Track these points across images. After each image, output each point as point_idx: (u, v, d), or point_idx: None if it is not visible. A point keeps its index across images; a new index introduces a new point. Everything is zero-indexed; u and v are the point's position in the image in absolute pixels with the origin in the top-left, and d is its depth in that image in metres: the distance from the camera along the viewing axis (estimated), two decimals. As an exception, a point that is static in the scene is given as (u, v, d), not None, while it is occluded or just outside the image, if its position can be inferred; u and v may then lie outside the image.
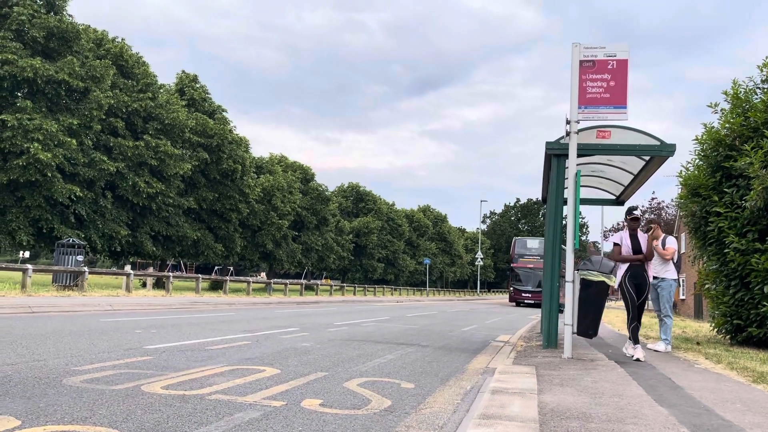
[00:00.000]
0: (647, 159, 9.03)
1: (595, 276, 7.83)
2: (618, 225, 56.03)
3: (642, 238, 8.15)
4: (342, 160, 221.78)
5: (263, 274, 56.84)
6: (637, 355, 7.82)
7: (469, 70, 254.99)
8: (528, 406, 4.39)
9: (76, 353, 6.58)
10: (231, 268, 69.12)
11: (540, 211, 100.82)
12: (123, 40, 33.15)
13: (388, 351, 8.54)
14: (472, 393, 5.50)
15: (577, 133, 7.84)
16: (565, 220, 9.45)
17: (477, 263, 72.60)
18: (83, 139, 27.61)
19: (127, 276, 21.71)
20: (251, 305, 20.98)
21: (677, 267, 9.35)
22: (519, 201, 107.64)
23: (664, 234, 9.22)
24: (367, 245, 61.99)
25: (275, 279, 37.29)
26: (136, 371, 5.62)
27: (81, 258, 20.70)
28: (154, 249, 33.10)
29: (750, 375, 6.57)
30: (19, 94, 27.03)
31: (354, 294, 44.89)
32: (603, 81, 7.76)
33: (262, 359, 6.93)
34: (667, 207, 51.27)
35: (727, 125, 10.93)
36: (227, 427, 3.79)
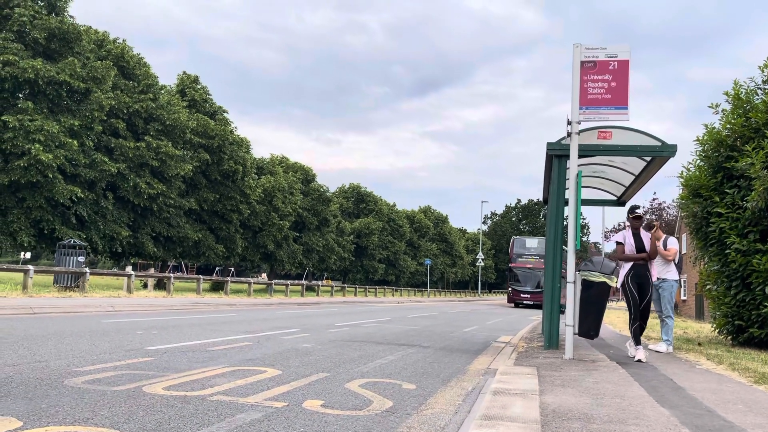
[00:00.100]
0: (648, 160, 9.03)
1: (597, 277, 7.82)
2: (619, 225, 56.02)
3: (645, 236, 8.08)
4: (343, 161, 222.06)
5: (264, 275, 56.83)
6: (639, 356, 7.81)
7: (470, 70, 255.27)
8: (529, 407, 4.39)
9: (77, 354, 6.59)
10: (232, 269, 69.18)
11: (541, 212, 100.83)
12: (124, 41, 33.25)
13: (389, 352, 8.54)
14: (473, 394, 5.50)
15: (579, 134, 7.84)
16: (566, 220, 9.46)
17: (478, 264, 72.60)
18: (84, 140, 27.65)
19: (128, 277, 21.73)
20: (252, 306, 20.99)
21: (678, 268, 9.35)
22: (520, 202, 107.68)
23: (665, 235, 9.22)
24: (368, 246, 62.04)
25: (276, 280, 37.32)
26: (137, 372, 5.62)
27: (82, 259, 20.72)
28: (155, 250, 33.13)
29: (752, 376, 6.57)
30: (21, 95, 27.08)
31: (355, 295, 44.92)
32: (604, 82, 7.75)
33: (263, 360, 6.93)
34: (669, 208, 51.31)
35: (728, 126, 10.93)
36: (229, 428, 3.79)
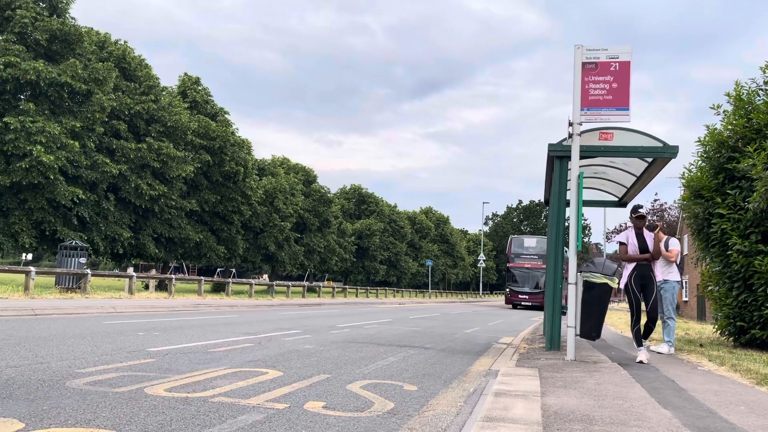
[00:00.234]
0: (650, 161, 9.02)
1: (598, 278, 7.81)
2: (621, 226, 55.95)
3: (648, 236, 8.00)
4: (344, 162, 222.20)
5: (265, 276, 56.85)
6: (641, 357, 7.80)
7: (471, 71, 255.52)
8: (531, 408, 4.39)
9: (79, 355, 6.59)
10: (233, 270, 69.25)
11: (542, 213, 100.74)
12: (125, 42, 33.27)
13: (390, 353, 8.54)
14: (475, 395, 5.49)
15: (580, 135, 7.84)
16: (568, 221, 9.45)
17: (479, 265, 72.52)
18: (86, 142, 27.68)
19: (130, 278, 21.74)
20: (254, 307, 20.99)
21: (679, 269, 9.34)
22: (521, 203, 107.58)
23: (666, 236, 9.22)
24: (370, 247, 62.04)
25: (277, 281, 37.33)
26: (139, 374, 5.62)
27: (84, 260, 20.74)
28: (156, 251, 33.15)
29: (753, 377, 6.56)
30: (22, 96, 27.11)
31: (356, 296, 44.92)
32: (605, 83, 7.74)
33: (264, 361, 6.93)
34: (670, 209, 51.22)
35: (730, 127, 10.92)
36: (230, 430, 3.79)
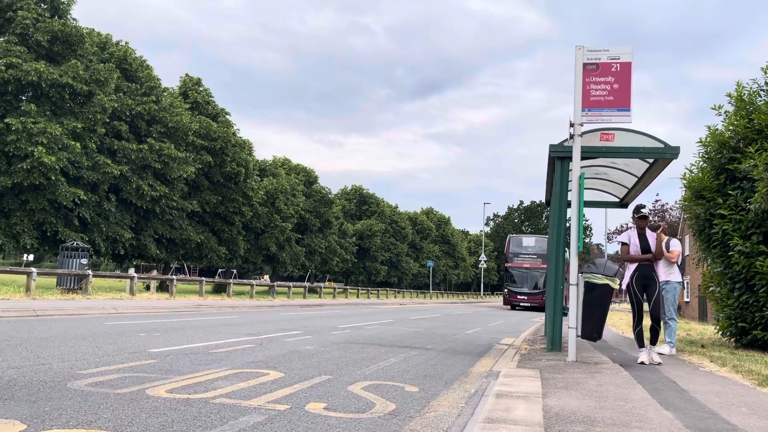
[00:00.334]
0: (651, 161, 9.02)
1: (600, 279, 7.81)
2: (622, 227, 55.92)
3: (650, 236, 7.93)
4: (345, 163, 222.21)
5: (266, 276, 56.86)
6: (642, 358, 7.79)
7: (472, 72, 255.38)
8: (532, 409, 4.38)
9: (80, 357, 6.60)
10: (234, 271, 69.19)
11: (543, 214, 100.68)
12: (127, 43, 33.30)
13: (392, 354, 8.54)
14: (476, 396, 5.49)
15: (581, 136, 7.84)
16: (569, 222, 9.45)
17: (480, 266, 72.51)
18: (87, 143, 27.71)
19: (131, 279, 21.76)
20: (255, 308, 21.00)
21: (681, 269, 9.33)
22: (522, 203, 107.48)
23: (667, 237, 9.20)
24: (371, 248, 62.04)
25: (279, 282, 37.33)
26: (140, 375, 5.63)
27: (85, 261, 20.76)
28: (157, 252, 33.17)
29: (755, 378, 6.55)
30: (24, 97, 27.14)
31: (357, 297, 44.91)
32: (606, 84, 7.74)
33: (266, 362, 6.94)
34: (671, 209, 51.19)
35: (731, 127, 10.92)
36: (232, 431, 3.79)
